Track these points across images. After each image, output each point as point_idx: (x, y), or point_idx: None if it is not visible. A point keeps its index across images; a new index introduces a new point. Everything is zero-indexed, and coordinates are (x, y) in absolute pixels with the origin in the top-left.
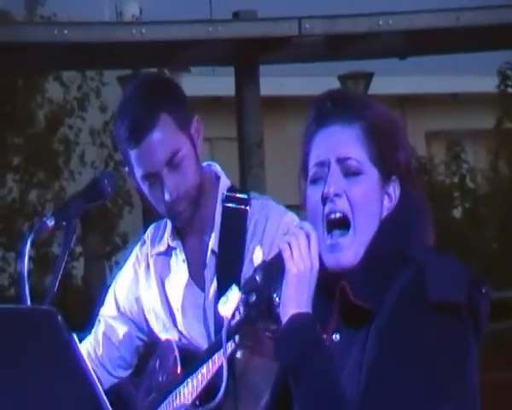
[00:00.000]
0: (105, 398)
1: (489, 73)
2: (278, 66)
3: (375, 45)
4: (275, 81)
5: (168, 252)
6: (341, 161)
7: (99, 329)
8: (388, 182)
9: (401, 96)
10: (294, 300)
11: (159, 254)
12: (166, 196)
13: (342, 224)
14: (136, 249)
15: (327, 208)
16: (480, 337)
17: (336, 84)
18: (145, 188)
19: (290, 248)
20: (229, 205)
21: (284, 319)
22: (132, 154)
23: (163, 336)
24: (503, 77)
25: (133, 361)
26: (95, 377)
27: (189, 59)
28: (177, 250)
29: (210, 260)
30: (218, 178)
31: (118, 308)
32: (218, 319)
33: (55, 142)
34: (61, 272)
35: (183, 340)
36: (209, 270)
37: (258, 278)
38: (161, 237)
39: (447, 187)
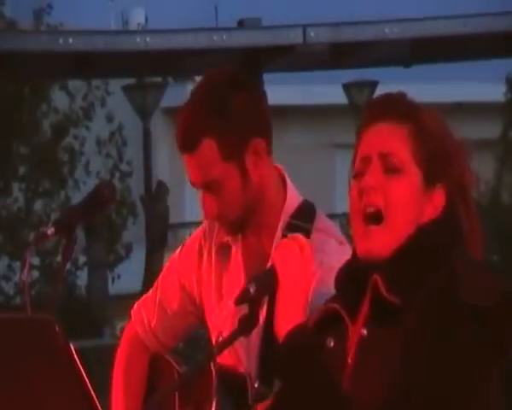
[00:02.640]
0: (99, 407)
1: (493, 80)
2: (282, 73)
3: (380, 53)
4: (278, 89)
5: (227, 246)
6: (383, 157)
7: (155, 298)
8: (433, 188)
9: None
10: (288, 312)
11: (221, 244)
12: (204, 213)
13: (377, 217)
14: (205, 226)
15: (363, 201)
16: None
17: (340, 92)
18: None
19: (283, 261)
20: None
21: (280, 332)
22: (185, 160)
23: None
24: (510, 85)
25: (184, 335)
26: (89, 385)
27: (193, 68)
28: (236, 245)
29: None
30: (285, 189)
31: (177, 281)
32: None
33: (60, 151)
34: (61, 281)
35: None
36: None
37: (251, 289)
38: (220, 229)
39: None
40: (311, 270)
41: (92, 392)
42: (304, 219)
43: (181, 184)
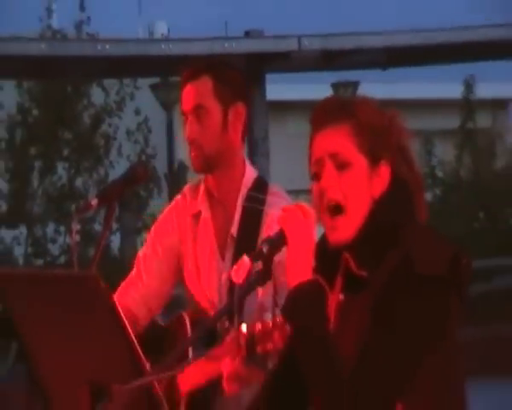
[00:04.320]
0: (142, 355)
1: (452, 81)
2: (281, 74)
3: (361, 59)
4: (278, 87)
5: (199, 214)
6: (333, 156)
7: (140, 268)
8: (378, 165)
9: (382, 101)
10: (296, 267)
11: (193, 213)
12: (185, 135)
13: (339, 209)
14: (178, 199)
15: (325, 199)
16: (463, 301)
17: (329, 91)
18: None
19: (288, 222)
20: (249, 205)
21: (290, 284)
22: (183, 89)
23: (191, 287)
24: (466, 86)
25: (166, 300)
26: (133, 334)
27: None
28: (206, 214)
29: (229, 242)
30: (244, 165)
31: (157, 249)
32: (231, 285)
33: (97, 137)
34: (103, 244)
35: (197, 298)
36: (228, 249)
37: (264, 249)
38: (196, 198)
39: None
40: (313, 232)
41: (134, 340)
42: (259, 190)
43: None
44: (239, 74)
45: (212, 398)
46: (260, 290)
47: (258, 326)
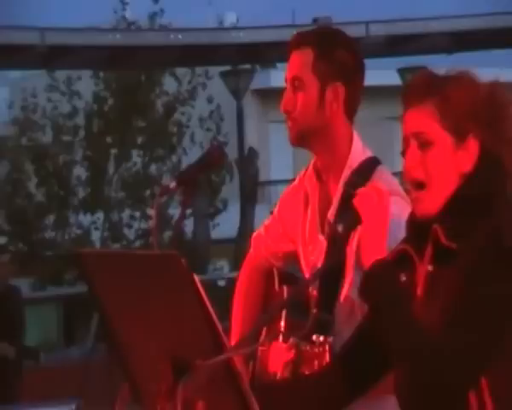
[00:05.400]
0: (223, 334)
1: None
2: None
3: (427, 43)
4: None
5: (307, 193)
6: (415, 136)
7: (266, 225)
8: (466, 140)
9: None
10: (370, 247)
11: (305, 191)
12: (282, 105)
13: (421, 185)
14: (300, 175)
15: (408, 177)
16: None
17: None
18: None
19: (362, 203)
20: (349, 189)
21: (365, 263)
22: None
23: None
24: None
25: (288, 259)
26: (214, 314)
27: (275, 56)
28: (312, 192)
29: (327, 228)
30: (350, 146)
31: (279, 215)
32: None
33: (170, 125)
34: (180, 227)
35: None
36: (326, 232)
37: (339, 228)
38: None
39: None
40: (387, 215)
41: (215, 317)
42: (363, 174)
43: (267, 150)
44: (347, 54)
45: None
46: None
47: (307, 348)
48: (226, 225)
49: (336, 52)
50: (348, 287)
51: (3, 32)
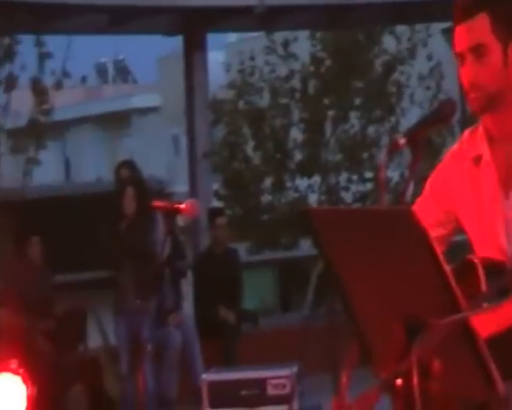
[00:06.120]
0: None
1: None
2: None
3: None
4: None
5: (479, 157)
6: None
7: (417, 208)
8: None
9: None
10: None
11: (473, 157)
12: (461, 77)
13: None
14: (454, 148)
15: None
16: None
17: None
18: (459, 65)
19: None
20: None
21: None
22: (455, 31)
23: (471, 234)
24: None
25: (442, 246)
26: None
27: None
28: (487, 156)
29: None
30: None
31: (432, 196)
32: None
33: (389, 85)
34: (408, 192)
35: (477, 245)
36: None
37: None
38: (474, 143)
39: None
40: None
41: (450, 275)
42: None
43: None
44: None
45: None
46: None
47: None
48: None
49: (510, 9)
50: None
51: None
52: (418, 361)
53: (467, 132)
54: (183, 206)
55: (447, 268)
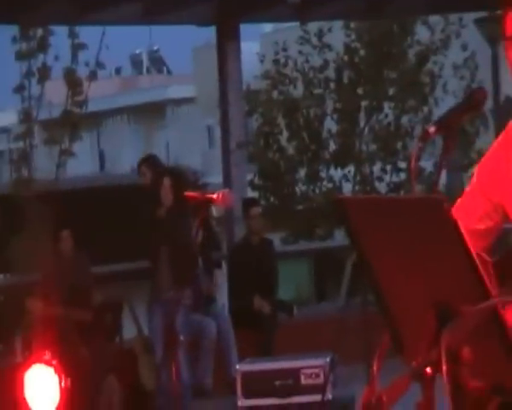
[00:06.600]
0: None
1: None
2: None
3: None
4: None
5: None
6: None
7: (460, 205)
8: None
9: None
10: None
11: None
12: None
13: None
14: (499, 139)
15: None
16: None
17: None
18: (509, 50)
19: None
20: None
21: None
22: (509, 15)
23: None
24: None
25: (490, 237)
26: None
27: None
28: None
29: None
30: None
31: (480, 187)
32: None
33: (422, 75)
34: (438, 181)
35: None
36: None
37: None
38: None
39: None
40: None
41: (479, 264)
42: None
43: None
44: None
45: None
46: None
47: None
48: None
49: None
50: None
51: None
52: (448, 349)
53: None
54: (215, 196)
55: (475, 256)
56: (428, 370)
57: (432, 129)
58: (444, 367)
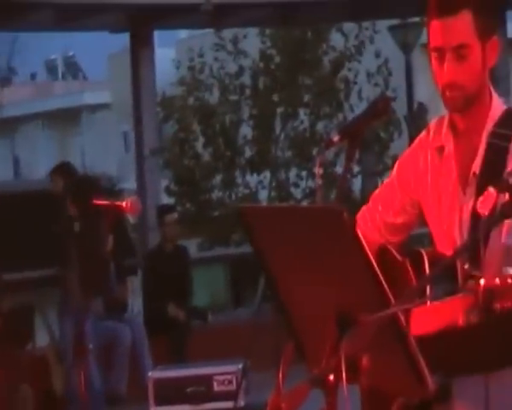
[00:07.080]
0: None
1: None
2: None
3: None
4: None
5: (442, 148)
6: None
7: (378, 196)
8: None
9: None
10: None
11: (436, 147)
12: (440, 75)
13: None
14: (421, 136)
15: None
16: None
17: None
18: (432, 59)
19: None
20: (494, 141)
21: None
22: (432, 24)
23: (430, 224)
24: None
25: (402, 234)
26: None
27: None
28: (449, 148)
29: (471, 178)
30: (491, 98)
31: (399, 181)
32: (474, 221)
33: (337, 82)
34: (345, 182)
35: (436, 236)
36: (470, 185)
37: (510, 180)
38: (440, 132)
39: None
40: None
41: (379, 272)
42: (506, 125)
43: (437, 104)
44: (497, 2)
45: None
46: (504, 231)
47: (497, 281)
48: None
49: (491, 3)
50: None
51: None
52: (347, 357)
53: (433, 121)
54: (124, 204)
55: (375, 265)
56: (331, 377)
57: (336, 137)
58: (343, 375)
